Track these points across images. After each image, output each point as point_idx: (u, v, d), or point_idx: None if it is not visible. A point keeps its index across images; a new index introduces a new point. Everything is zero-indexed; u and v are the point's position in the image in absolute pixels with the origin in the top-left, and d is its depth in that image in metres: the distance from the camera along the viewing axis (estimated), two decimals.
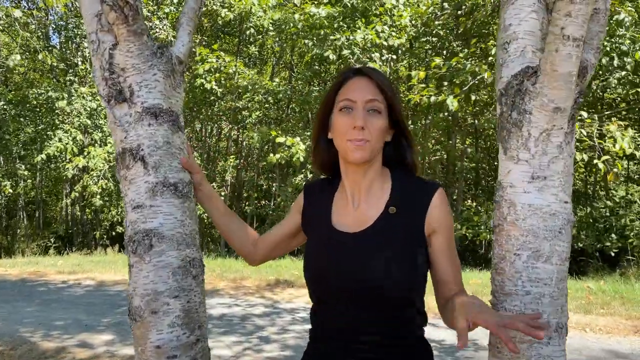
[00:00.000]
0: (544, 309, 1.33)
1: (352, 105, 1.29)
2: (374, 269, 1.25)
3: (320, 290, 1.33)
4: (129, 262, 1.50)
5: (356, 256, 1.27)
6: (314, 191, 1.46)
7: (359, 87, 1.30)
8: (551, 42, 1.28)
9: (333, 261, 1.30)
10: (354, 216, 1.33)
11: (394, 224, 1.29)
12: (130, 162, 1.51)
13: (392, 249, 1.26)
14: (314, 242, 1.38)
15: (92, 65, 1.63)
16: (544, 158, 1.34)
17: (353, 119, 1.27)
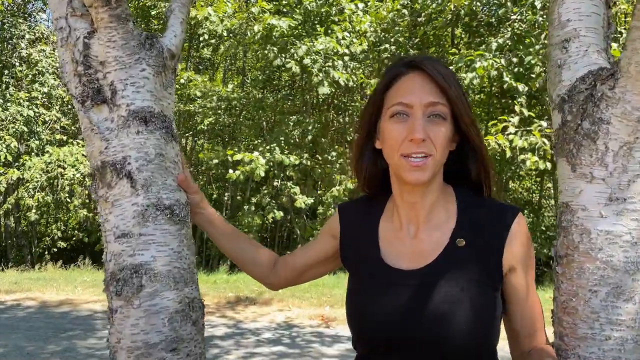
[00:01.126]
0: (627, 357, 1.12)
1: (408, 111, 1.01)
2: (439, 316, 0.99)
3: (369, 340, 1.06)
4: (111, 306, 1.19)
5: (415, 301, 1.01)
6: (352, 214, 1.18)
7: (415, 87, 1.01)
8: (637, 39, 1.07)
9: (387, 307, 1.02)
10: (411, 248, 1.06)
11: (463, 260, 1.02)
12: (113, 179, 1.20)
13: (462, 292, 1.00)
14: (360, 282, 1.10)
15: (60, 57, 1.32)
16: (624, 176, 1.14)
17: (409, 128, 0.99)
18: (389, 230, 1.10)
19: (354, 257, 1.14)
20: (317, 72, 8.20)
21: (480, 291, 1.01)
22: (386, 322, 1.02)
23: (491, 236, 1.04)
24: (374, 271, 1.07)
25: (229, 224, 1.36)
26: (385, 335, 1.02)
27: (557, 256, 1.21)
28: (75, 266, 10.50)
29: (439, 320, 0.98)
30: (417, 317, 1.00)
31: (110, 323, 1.19)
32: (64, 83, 1.32)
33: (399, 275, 1.04)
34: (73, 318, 5.59)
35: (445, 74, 1.02)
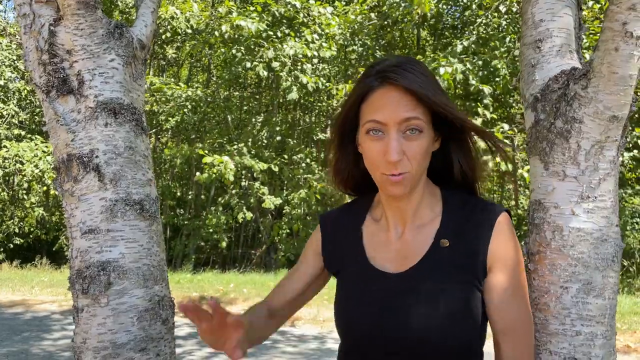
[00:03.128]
0: (596, 352, 1.14)
1: (382, 128, 0.96)
2: (425, 319, 0.97)
3: (356, 342, 1.04)
4: (76, 304, 1.14)
5: (402, 303, 0.99)
6: (334, 220, 1.15)
7: (388, 103, 0.96)
8: (609, 40, 1.09)
9: (374, 310, 1.00)
10: (397, 250, 1.04)
11: (447, 261, 1.01)
12: (80, 173, 1.15)
13: (445, 293, 0.99)
14: (348, 287, 1.07)
15: (23, 45, 1.26)
16: (595, 175, 1.15)
17: (385, 149, 0.96)
18: (376, 231, 1.08)
19: (339, 262, 1.11)
20: (285, 76, 8.16)
21: (465, 291, 1.00)
22: (372, 326, 1.00)
23: (475, 236, 1.02)
24: (360, 275, 1.05)
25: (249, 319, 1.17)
26: (371, 339, 1.00)
27: (529, 253, 1.22)
28: (32, 265, 10.17)
29: (422, 323, 0.97)
30: (400, 320, 0.98)
31: (75, 323, 1.14)
32: (28, 72, 1.26)
33: (384, 278, 1.02)
34: (28, 319, 5.39)
35: (420, 81, 0.97)
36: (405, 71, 0.96)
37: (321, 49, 8.17)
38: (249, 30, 8.17)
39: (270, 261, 11.94)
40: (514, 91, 9.89)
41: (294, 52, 7.95)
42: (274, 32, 8.72)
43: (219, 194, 11.19)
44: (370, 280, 1.03)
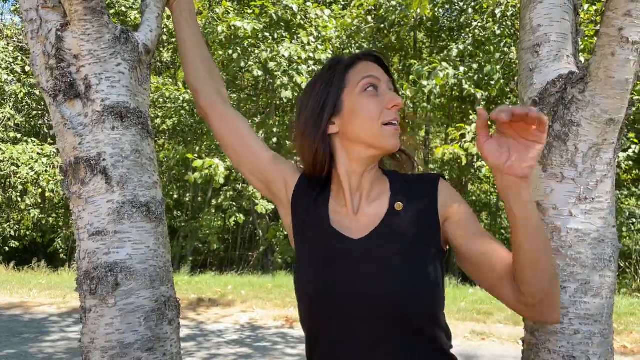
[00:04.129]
0: (594, 350, 1.16)
1: (377, 83, 1.09)
2: (383, 281, 1.01)
3: (312, 302, 1.06)
4: (84, 305, 1.16)
5: (361, 266, 1.03)
6: (308, 184, 1.16)
7: (375, 68, 1.12)
8: (606, 45, 1.12)
9: (338, 274, 1.04)
10: (356, 220, 1.09)
11: (403, 223, 1.06)
12: (87, 176, 1.17)
13: (401, 255, 1.03)
14: (311, 252, 1.10)
15: (31, 50, 1.28)
16: (593, 177, 1.18)
17: (388, 98, 1.08)
18: (336, 206, 1.12)
19: (304, 225, 1.13)
20: (280, 75, 8.19)
21: (421, 252, 1.04)
22: (328, 286, 1.03)
23: (423, 198, 1.08)
24: (323, 240, 1.09)
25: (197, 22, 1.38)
26: (326, 299, 1.03)
27: None
28: (29, 268, 10.15)
29: (380, 285, 1.01)
30: (364, 281, 1.01)
31: (83, 323, 1.16)
32: (35, 76, 1.28)
33: (345, 243, 1.06)
34: (27, 321, 5.39)
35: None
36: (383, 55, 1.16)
37: (317, 51, 8.21)
38: (245, 31, 8.20)
39: (267, 263, 11.95)
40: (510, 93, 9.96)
41: (289, 54, 7.98)
42: (270, 33, 8.75)
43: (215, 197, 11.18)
44: (331, 244, 1.07)
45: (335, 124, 1.10)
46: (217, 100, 1.26)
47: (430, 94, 7.87)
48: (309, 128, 1.11)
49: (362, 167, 1.10)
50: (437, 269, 1.04)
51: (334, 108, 1.10)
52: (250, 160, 1.19)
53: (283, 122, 11.17)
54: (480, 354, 4.47)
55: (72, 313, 5.81)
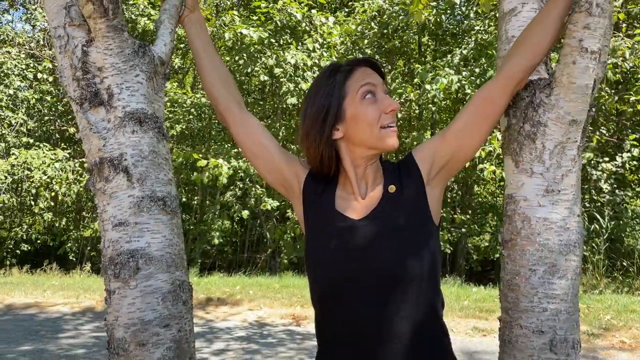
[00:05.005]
0: (560, 325, 1.30)
1: (374, 90, 1.23)
2: (384, 252, 1.18)
3: (324, 280, 1.23)
4: (108, 287, 1.31)
5: (364, 241, 1.20)
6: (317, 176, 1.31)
7: (370, 73, 1.25)
8: (568, 54, 1.26)
9: (341, 249, 1.21)
10: (361, 204, 1.26)
11: (397, 202, 1.24)
12: (111, 174, 1.33)
13: (400, 226, 1.21)
14: (316, 229, 1.27)
15: (59, 63, 1.44)
16: (558, 171, 1.33)
17: (385, 103, 1.22)
18: (344, 195, 1.27)
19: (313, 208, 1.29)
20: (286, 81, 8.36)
21: (415, 225, 1.22)
22: (336, 262, 1.20)
23: (411, 178, 1.26)
24: (330, 222, 1.24)
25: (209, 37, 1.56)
26: (335, 274, 1.20)
27: (504, 241, 1.39)
28: (41, 270, 10.35)
29: (382, 255, 1.18)
30: (366, 254, 1.18)
31: (108, 303, 1.32)
32: (63, 86, 1.44)
33: (350, 223, 1.22)
34: (44, 320, 5.58)
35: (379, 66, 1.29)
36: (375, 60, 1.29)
37: (322, 58, 8.37)
38: (251, 39, 8.38)
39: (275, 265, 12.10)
40: None
41: (295, 61, 8.15)
42: (276, 40, 8.92)
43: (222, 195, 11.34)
44: (336, 223, 1.23)
45: (339, 130, 1.24)
46: (233, 105, 1.40)
47: (434, 98, 8.01)
48: (312, 134, 1.25)
49: (365, 162, 1.26)
50: (430, 238, 1.22)
51: (337, 116, 1.23)
52: (267, 161, 1.34)
53: (289, 126, 11.34)
54: (481, 350, 4.60)
55: (85, 312, 5.99)
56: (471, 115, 1.27)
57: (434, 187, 1.27)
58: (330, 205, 1.26)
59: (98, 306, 6.20)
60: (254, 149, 1.35)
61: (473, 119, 1.27)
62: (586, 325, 5.16)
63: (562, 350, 1.29)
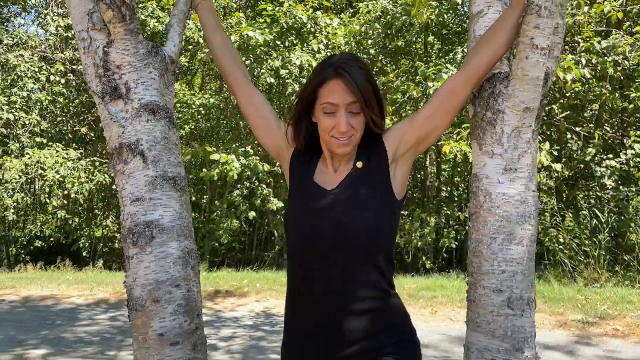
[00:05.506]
0: (517, 285, 1.50)
1: (335, 109, 1.40)
2: (347, 215, 1.41)
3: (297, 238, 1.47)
4: (127, 254, 1.53)
5: (333, 207, 1.43)
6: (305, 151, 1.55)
7: (339, 90, 1.38)
8: (522, 51, 1.47)
9: (311, 210, 1.45)
10: (334, 177, 1.48)
11: (362, 176, 1.46)
12: (129, 157, 1.55)
13: (359, 199, 1.43)
14: (297, 198, 1.51)
15: (83, 61, 1.66)
16: (515, 152, 1.53)
17: (336, 122, 1.39)
18: (322, 168, 1.51)
19: (297, 175, 1.53)
20: (292, 82, 8.57)
21: (375, 196, 1.44)
22: (305, 220, 1.45)
23: (378, 155, 1.48)
24: (308, 190, 1.48)
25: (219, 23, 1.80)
26: (301, 232, 1.44)
27: (470, 214, 1.59)
28: (55, 267, 10.63)
29: (342, 221, 1.40)
30: (329, 219, 1.41)
31: (127, 267, 1.53)
32: (87, 82, 1.66)
33: (323, 192, 1.46)
34: (60, 310, 5.83)
35: (360, 81, 1.38)
36: (352, 66, 1.40)
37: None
38: (257, 41, 8.60)
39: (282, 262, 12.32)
40: None
41: (300, 62, 8.36)
42: (282, 41, 9.13)
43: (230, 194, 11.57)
44: (312, 194, 1.47)
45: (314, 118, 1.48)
46: (240, 78, 1.67)
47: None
48: (299, 114, 1.51)
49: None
50: (386, 208, 1.44)
51: (310, 108, 1.47)
52: (266, 129, 1.59)
53: None
54: None
55: (99, 303, 6.24)
56: (436, 107, 1.48)
57: (401, 165, 1.49)
58: (309, 176, 1.49)
59: (111, 298, 6.45)
60: (256, 119, 1.61)
61: (437, 111, 1.48)
62: (582, 314, 5.33)
63: (518, 306, 1.49)
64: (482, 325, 1.52)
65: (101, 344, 4.48)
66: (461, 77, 1.49)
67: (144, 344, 1.49)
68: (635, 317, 5.17)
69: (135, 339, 1.51)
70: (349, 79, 1.37)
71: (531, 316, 1.51)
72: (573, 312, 5.48)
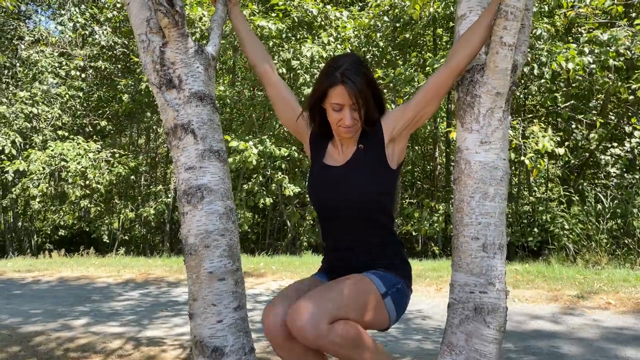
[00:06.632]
0: (490, 234, 1.89)
1: (341, 107, 1.85)
2: (353, 188, 1.87)
3: (317, 206, 1.96)
4: (183, 211, 1.94)
5: (340, 182, 1.89)
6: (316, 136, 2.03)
7: (344, 94, 1.83)
8: (493, 47, 1.85)
9: (324, 183, 1.93)
10: (342, 157, 1.94)
11: (363, 156, 1.92)
12: (182, 134, 1.95)
13: (361, 173, 1.88)
14: (313, 172, 1.99)
15: (142, 59, 2.06)
16: (489, 129, 1.91)
17: (342, 118, 1.85)
18: (332, 149, 1.97)
19: (313, 153, 2.00)
20: (303, 73, 8.98)
21: (375, 171, 1.88)
22: (322, 193, 1.92)
23: (376, 137, 1.92)
24: (319, 168, 1.95)
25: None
26: (322, 201, 1.92)
27: (454, 179, 1.98)
28: (78, 254, 11.15)
29: (349, 191, 1.86)
30: (338, 190, 1.87)
31: (182, 222, 1.94)
32: (146, 76, 2.06)
33: (331, 169, 1.92)
34: (93, 289, 6.30)
35: (359, 86, 1.82)
36: (353, 73, 1.83)
37: (337, 50, 8.94)
38: (270, 31, 9.00)
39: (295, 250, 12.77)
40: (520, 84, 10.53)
41: (310, 54, 8.75)
42: (293, 34, 9.52)
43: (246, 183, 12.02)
44: (322, 171, 1.93)
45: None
46: (267, 69, 2.12)
47: None
48: (314, 102, 1.93)
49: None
50: (384, 178, 1.86)
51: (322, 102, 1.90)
52: (289, 113, 2.06)
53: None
54: None
55: (127, 283, 6.70)
56: (426, 94, 1.90)
57: (398, 142, 1.92)
58: (322, 155, 1.95)
59: (138, 278, 6.92)
60: (279, 103, 2.06)
61: (428, 97, 1.90)
62: (576, 290, 5.69)
63: (491, 250, 1.88)
64: (463, 266, 1.91)
65: (137, 314, 4.93)
66: (446, 70, 1.89)
67: (197, 280, 1.90)
68: (627, 292, 5.52)
69: (189, 277, 1.93)
70: (351, 85, 1.81)
71: (502, 258, 1.90)
72: (570, 289, 5.84)
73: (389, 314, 1.84)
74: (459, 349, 1.87)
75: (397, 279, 1.88)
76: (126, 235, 14.12)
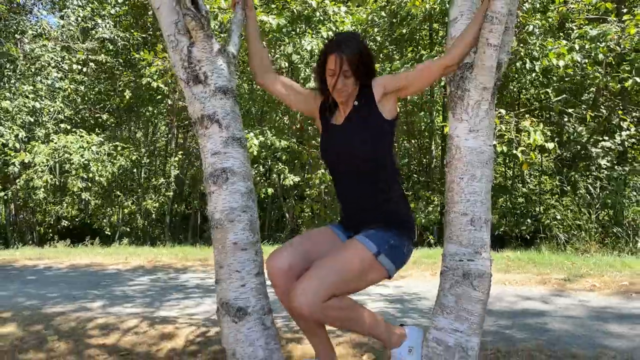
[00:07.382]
0: (477, 210, 2.17)
1: (333, 73, 2.15)
2: (353, 141, 2.17)
3: (325, 159, 2.30)
4: (209, 190, 2.22)
5: (341, 136, 2.21)
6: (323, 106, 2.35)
7: (336, 61, 2.13)
8: (480, 47, 2.13)
9: (331, 141, 2.26)
10: (342, 116, 2.25)
11: (360, 111, 2.22)
12: (208, 124, 2.23)
13: (356, 124, 2.19)
14: (322, 131, 2.31)
15: (171, 58, 2.33)
16: (477, 119, 2.19)
17: (335, 81, 2.15)
18: (337, 113, 2.28)
19: (323, 122, 2.31)
20: (304, 67, 9.24)
21: (370, 125, 2.18)
22: (331, 149, 2.24)
23: (369, 96, 2.21)
24: (327, 127, 2.28)
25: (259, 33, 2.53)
26: (327, 155, 2.25)
27: (446, 162, 2.26)
28: (82, 245, 11.41)
29: (351, 144, 2.16)
30: (342, 142, 2.19)
31: (208, 200, 2.22)
32: (175, 72, 2.33)
33: (334, 127, 2.24)
34: (104, 275, 6.57)
35: (350, 55, 2.12)
36: (347, 47, 2.14)
37: None
38: (270, 26, 9.25)
39: None
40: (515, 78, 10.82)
41: (311, 47, 9.01)
42: (293, 28, 9.77)
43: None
44: (329, 130, 2.25)
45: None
46: (269, 74, 2.41)
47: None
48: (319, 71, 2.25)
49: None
50: (380, 129, 2.18)
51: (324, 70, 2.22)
52: (301, 102, 2.37)
53: None
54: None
55: (136, 269, 6.98)
56: (416, 73, 2.21)
57: (388, 100, 2.22)
58: (329, 119, 2.26)
59: (147, 265, 7.20)
60: (289, 96, 2.37)
61: (415, 76, 2.21)
62: (564, 274, 6.00)
63: (478, 224, 2.16)
64: (453, 238, 2.20)
65: (149, 297, 5.21)
66: (441, 61, 2.18)
67: (222, 250, 2.18)
68: (612, 276, 5.83)
69: (215, 247, 2.21)
70: (341, 54, 2.12)
71: (487, 231, 2.19)
72: (558, 273, 6.15)
73: (386, 267, 2.13)
74: (449, 309, 2.16)
75: (388, 234, 2.14)
76: (127, 227, 14.37)
